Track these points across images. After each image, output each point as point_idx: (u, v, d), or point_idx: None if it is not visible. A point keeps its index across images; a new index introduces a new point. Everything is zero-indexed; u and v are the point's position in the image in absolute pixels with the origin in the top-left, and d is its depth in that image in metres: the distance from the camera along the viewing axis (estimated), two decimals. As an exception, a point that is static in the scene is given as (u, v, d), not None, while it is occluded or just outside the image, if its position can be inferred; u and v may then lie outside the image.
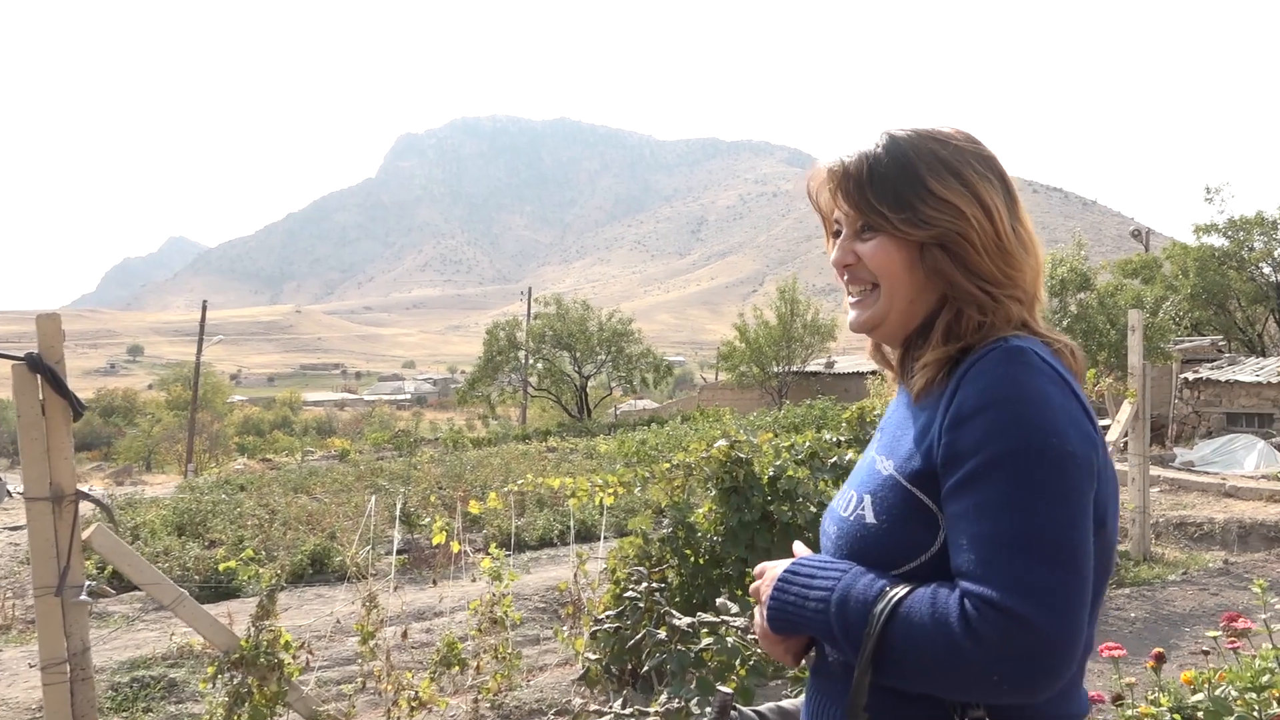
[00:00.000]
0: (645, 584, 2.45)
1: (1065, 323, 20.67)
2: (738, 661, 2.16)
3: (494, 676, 5.31)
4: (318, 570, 10.09)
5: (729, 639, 2.18)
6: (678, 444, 19.62)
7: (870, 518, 1.30)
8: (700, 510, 5.91)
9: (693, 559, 5.74)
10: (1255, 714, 2.75)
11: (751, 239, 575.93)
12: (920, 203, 1.31)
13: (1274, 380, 19.72)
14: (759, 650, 2.24)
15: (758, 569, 1.43)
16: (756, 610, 1.42)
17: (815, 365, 37.16)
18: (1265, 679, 2.88)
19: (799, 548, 1.44)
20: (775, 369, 35.81)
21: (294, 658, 4.73)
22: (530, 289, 44.97)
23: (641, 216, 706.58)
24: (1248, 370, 20.80)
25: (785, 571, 1.34)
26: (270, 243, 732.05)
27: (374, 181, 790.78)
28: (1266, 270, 29.92)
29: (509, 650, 5.40)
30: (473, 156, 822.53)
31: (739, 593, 5.90)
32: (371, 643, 5.07)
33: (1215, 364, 22.09)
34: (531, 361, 38.47)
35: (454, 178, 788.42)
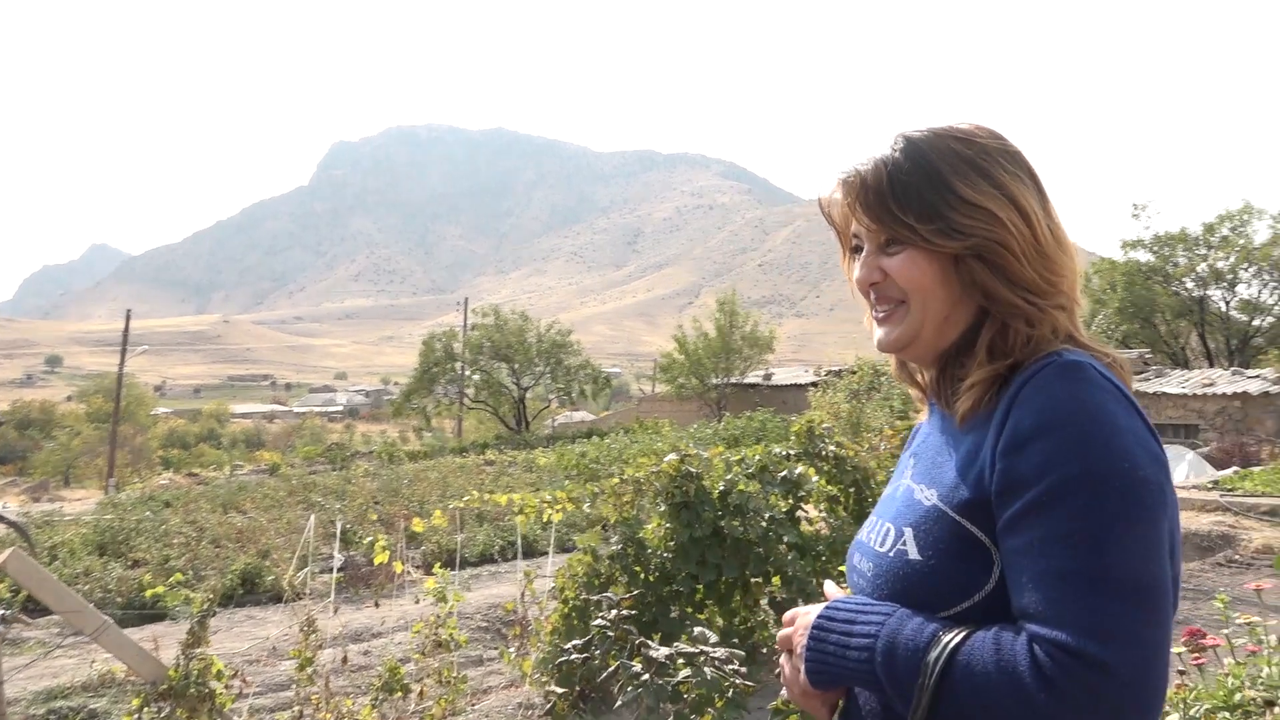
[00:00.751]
0: (616, 611, 2.30)
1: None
2: (716, 695, 2.03)
3: (438, 702, 5.11)
4: (249, 590, 9.73)
5: (707, 670, 2.05)
6: (618, 457, 19.50)
7: (914, 554, 1.17)
8: (649, 526, 5.79)
9: (642, 576, 5.62)
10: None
11: (688, 251, 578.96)
12: (950, 210, 1.19)
13: (1199, 392, 20.28)
14: (737, 682, 2.11)
15: (787, 616, 1.29)
16: (785, 661, 1.28)
17: (754, 377, 37.36)
18: (1238, 697, 2.83)
19: (830, 588, 1.32)
20: (714, 381, 35.92)
21: (226, 687, 4.48)
22: (466, 300, 44.55)
23: (578, 228, 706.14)
24: (1174, 382, 21.38)
25: (819, 618, 1.20)
26: (198, 251, 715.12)
27: (306, 190, 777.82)
28: (1190, 285, 30.88)
29: (453, 674, 5.20)
30: (408, 165, 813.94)
31: (689, 610, 5.81)
32: (309, 669, 4.84)
33: (1143, 376, 22.67)
34: (468, 373, 38.04)
35: (389, 186, 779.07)
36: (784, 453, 6.71)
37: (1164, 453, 1.11)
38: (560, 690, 5.28)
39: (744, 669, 2.11)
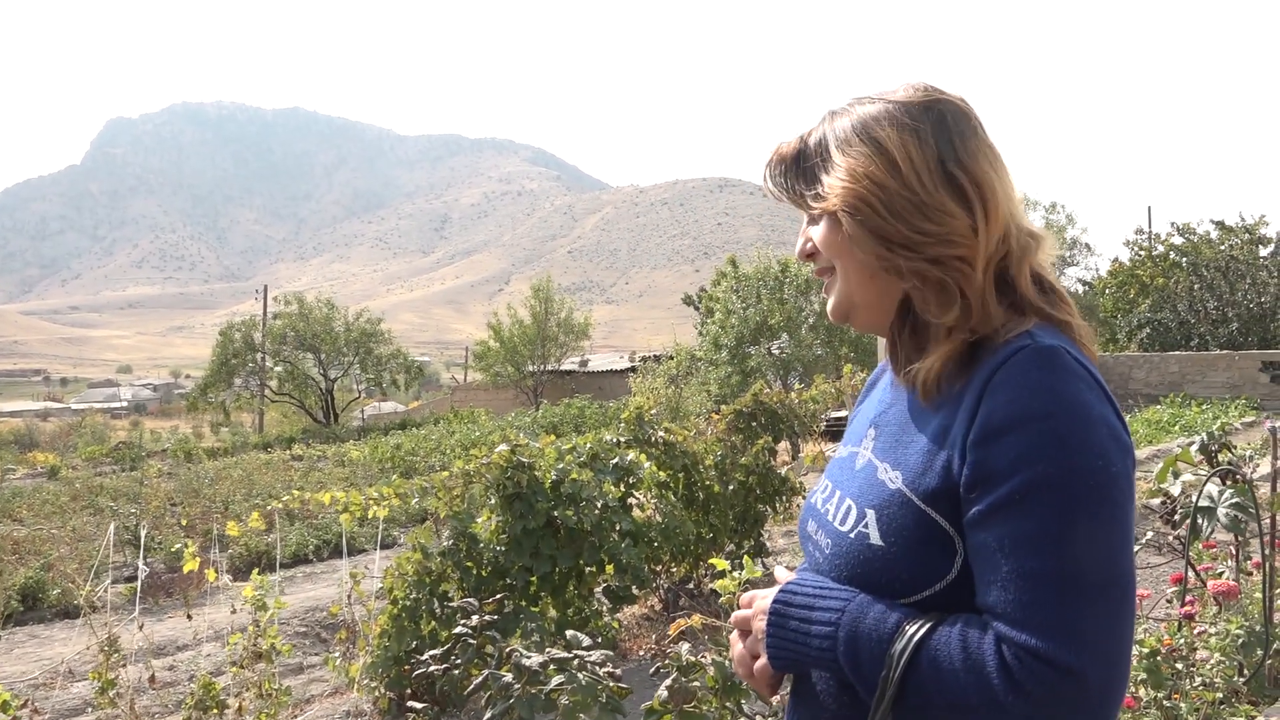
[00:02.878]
0: (478, 617, 2.18)
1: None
2: (590, 700, 1.95)
3: (258, 716, 4.79)
4: (30, 607, 8.87)
5: (581, 675, 1.96)
6: (436, 448, 19.06)
7: (876, 538, 1.13)
8: (481, 520, 5.64)
9: (475, 571, 5.47)
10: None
11: (496, 238, 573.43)
12: (824, 173, 1.19)
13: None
14: (612, 685, 2.04)
15: (745, 598, 1.24)
16: (737, 641, 1.24)
17: (570, 364, 37.42)
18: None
19: (780, 573, 1.26)
20: (530, 368, 35.71)
21: (13, 719, 4.04)
22: (266, 287, 42.33)
23: (382, 213, 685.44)
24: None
25: (776, 601, 1.16)
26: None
27: (79, 169, 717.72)
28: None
29: (274, 685, 4.89)
30: (195, 144, 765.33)
31: (523, 603, 5.70)
32: (112, 692, 4.43)
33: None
34: (271, 364, 36.23)
35: (174, 167, 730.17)
36: (615, 440, 6.69)
37: (1129, 437, 1.09)
38: (392, 695, 5.07)
39: (618, 671, 2.04)
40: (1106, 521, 1.01)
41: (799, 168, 1.24)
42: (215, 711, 4.64)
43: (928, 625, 1.04)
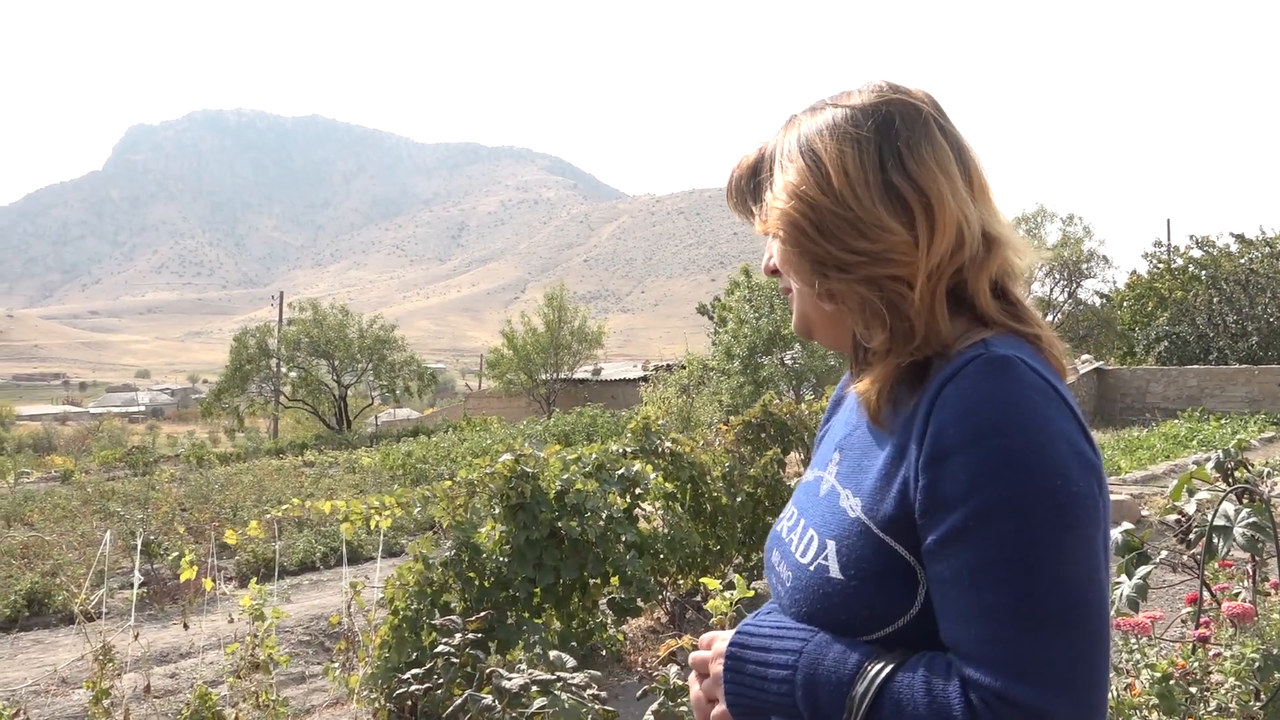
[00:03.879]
0: (461, 635, 2.11)
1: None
2: (574, 722, 1.87)
3: (256, 727, 4.72)
4: (36, 612, 8.85)
5: (564, 697, 1.89)
6: (447, 455, 19.03)
7: (835, 571, 1.05)
8: (484, 530, 5.57)
9: (478, 582, 5.40)
10: None
11: (513, 246, 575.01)
12: (768, 190, 1.13)
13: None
14: (596, 708, 1.96)
15: (703, 639, 1.17)
16: (696, 684, 1.16)
17: (583, 372, 37.40)
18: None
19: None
20: (543, 376, 35.70)
21: (6, 727, 3.99)
22: (282, 294, 42.50)
23: (400, 220, 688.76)
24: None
25: (732, 644, 1.09)
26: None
27: (101, 175, 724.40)
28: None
29: (272, 695, 4.83)
30: (215, 152, 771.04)
31: (526, 615, 5.63)
32: (106, 701, 4.37)
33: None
34: (285, 370, 36.33)
35: (194, 174, 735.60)
36: (621, 450, 6.62)
37: (1096, 452, 1.00)
38: (391, 707, 5.00)
39: (603, 694, 1.96)
40: (1070, 546, 0.92)
41: (754, 182, 1.18)
42: (211, 722, 4.58)
43: (890, 666, 0.97)
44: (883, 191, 1.04)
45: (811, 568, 1.08)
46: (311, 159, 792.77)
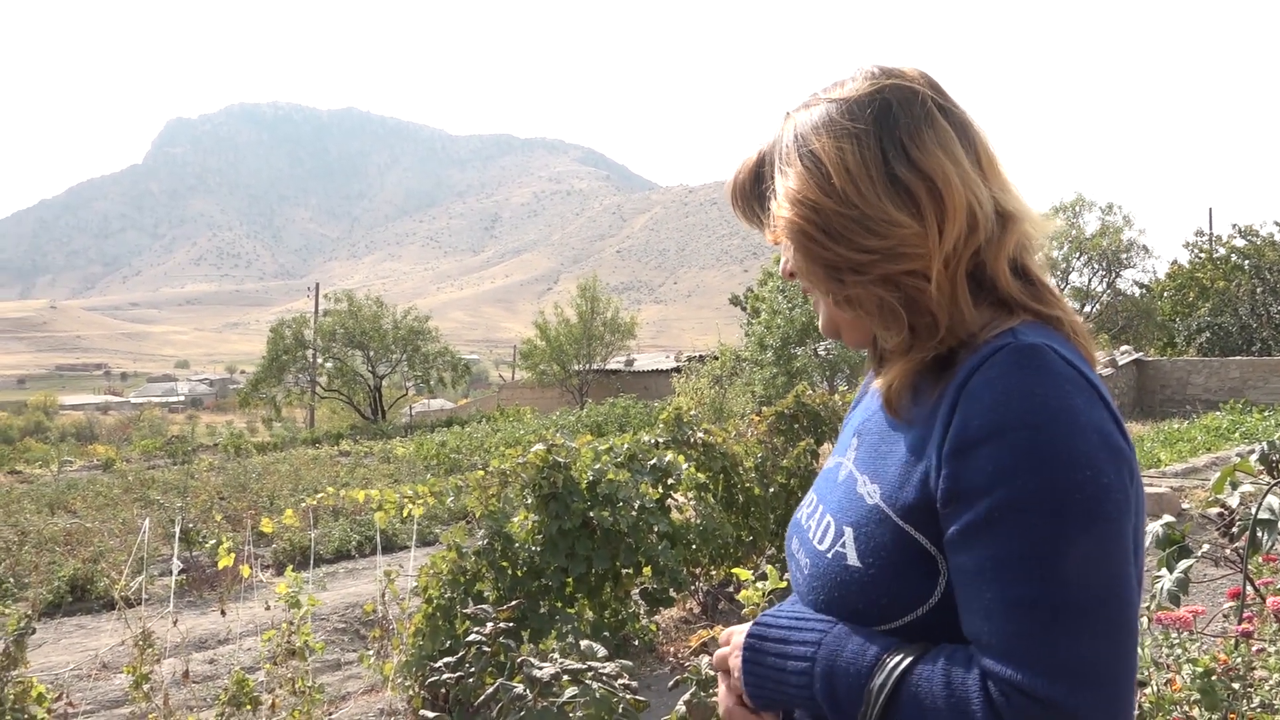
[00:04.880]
0: (491, 625, 2.11)
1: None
2: (605, 713, 1.87)
3: (292, 713, 4.78)
4: (79, 598, 9.00)
5: (595, 687, 1.89)
6: (480, 446, 19.13)
7: (854, 559, 1.04)
8: (516, 519, 5.60)
9: (510, 571, 5.42)
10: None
11: (546, 237, 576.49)
12: (772, 196, 1.09)
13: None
14: (627, 698, 1.96)
15: (723, 635, 1.16)
16: (722, 683, 1.15)
17: (615, 363, 37.43)
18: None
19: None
20: (576, 367, 35.78)
21: (49, 710, 4.06)
22: (318, 285, 42.91)
23: (434, 212, 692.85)
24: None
25: (750, 636, 1.08)
26: (20, 232, 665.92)
27: (140, 168, 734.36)
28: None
29: (308, 682, 4.88)
30: (252, 145, 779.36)
31: (558, 604, 5.64)
32: (146, 686, 4.44)
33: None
34: (321, 361, 36.69)
35: (231, 167, 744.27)
36: (653, 440, 6.62)
37: (1128, 440, 0.98)
38: (426, 695, 5.04)
39: (634, 683, 1.96)
40: (1098, 540, 0.90)
41: (758, 189, 1.15)
42: (249, 708, 4.64)
43: (910, 658, 0.96)
44: (887, 185, 1.02)
45: (829, 555, 1.07)
46: (347, 151, 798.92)
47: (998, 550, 0.91)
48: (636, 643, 5.85)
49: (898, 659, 0.96)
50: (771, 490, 7.09)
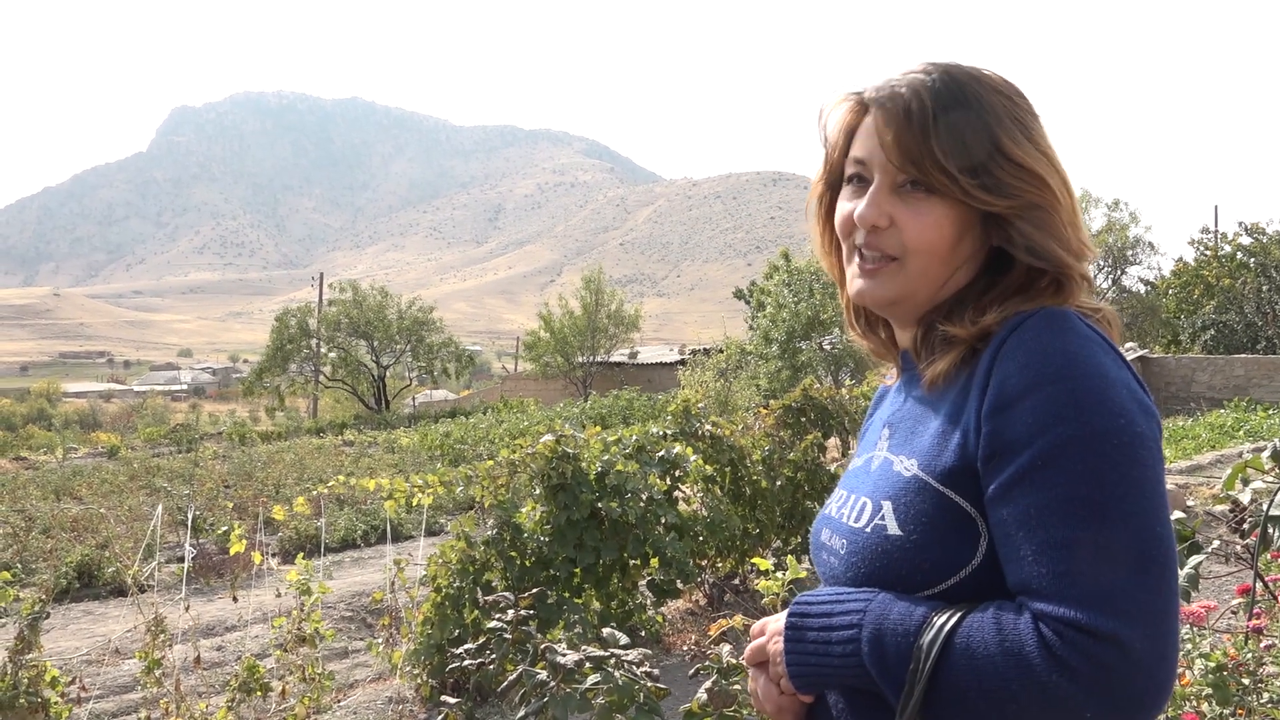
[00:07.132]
0: (513, 611, 2.13)
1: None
2: (627, 700, 1.89)
3: (301, 700, 4.81)
4: (86, 584, 9.05)
5: (618, 674, 1.91)
6: (484, 436, 19.16)
7: (894, 529, 1.06)
8: (525, 509, 5.62)
9: (519, 561, 5.44)
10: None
11: (549, 229, 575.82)
12: (998, 167, 1.07)
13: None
14: (649, 685, 1.98)
15: (755, 627, 1.17)
16: (755, 674, 1.16)
17: (619, 356, 37.43)
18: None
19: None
20: (580, 359, 35.80)
21: (62, 694, 4.09)
22: (322, 275, 42.96)
23: (437, 203, 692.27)
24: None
25: (792, 616, 1.09)
26: (23, 219, 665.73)
27: (145, 156, 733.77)
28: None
29: (318, 669, 4.91)
30: (256, 134, 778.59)
31: (566, 594, 5.66)
32: (158, 671, 4.47)
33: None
34: (325, 350, 36.71)
35: (235, 155, 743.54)
36: (661, 432, 6.63)
37: (1152, 402, 1.02)
38: (433, 683, 5.07)
39: (656, 670, 1.98)
40: (1137, 482, 0.94)
41: (945, 139, 1.07)
42: (259, 693, 4.67)
43: (957, 614, 0.97)
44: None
45: (868, 529, 1.09)
46: (351, 141, 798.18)
47: (1042, 496, 0.94)
48: (643, 634, 5.88)
49: (946, 615, 0.97)
50: (779, 483, 7.11)
